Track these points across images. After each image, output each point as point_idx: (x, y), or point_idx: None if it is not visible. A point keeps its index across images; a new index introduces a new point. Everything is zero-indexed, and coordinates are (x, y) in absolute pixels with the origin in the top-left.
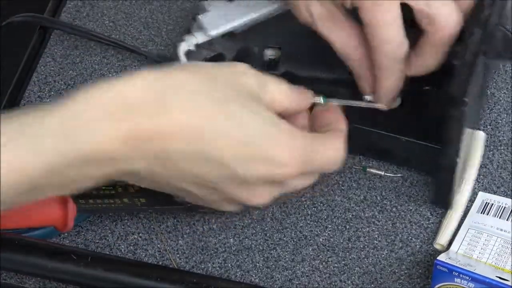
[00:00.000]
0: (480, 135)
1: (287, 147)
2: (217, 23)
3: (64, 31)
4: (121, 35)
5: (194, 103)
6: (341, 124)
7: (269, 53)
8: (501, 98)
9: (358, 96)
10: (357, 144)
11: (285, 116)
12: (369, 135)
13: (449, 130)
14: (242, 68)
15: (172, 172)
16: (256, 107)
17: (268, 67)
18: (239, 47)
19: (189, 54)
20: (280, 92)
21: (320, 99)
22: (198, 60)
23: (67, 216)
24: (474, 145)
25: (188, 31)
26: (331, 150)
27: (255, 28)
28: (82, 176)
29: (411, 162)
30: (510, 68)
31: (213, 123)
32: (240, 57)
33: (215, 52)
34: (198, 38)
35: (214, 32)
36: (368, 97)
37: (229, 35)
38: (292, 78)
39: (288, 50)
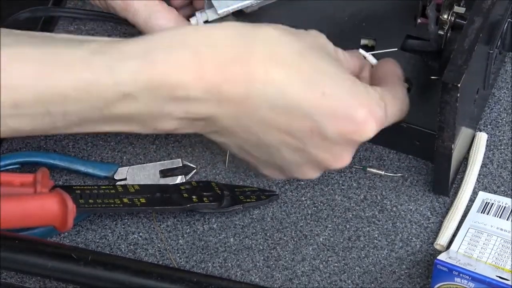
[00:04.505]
0: (483, 136)
1: (367, 106)
2: (226, 2)
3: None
4: (122, 35)
5: (280, 52)
6: (399, 75)
7: None
8: (501, 98)
9: None
10: None
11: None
12: None
13: (444, 115)
14: (316, 32)
15: (254, 121)
16: (336, 64)
17: None
18: None
19: None
20: (345, 56)
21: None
22: None
23: (66, 215)
24: (477, 146)
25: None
26: (400, 99)
27: (267, 9)
28: (159, 109)
29: (415, 149)
30: (510, 68)
31: (298, 73)
32: None
33: None
34: (209, 15)
35: (223, 10)
36: None
37: (239, 14)
38: None
39: None
